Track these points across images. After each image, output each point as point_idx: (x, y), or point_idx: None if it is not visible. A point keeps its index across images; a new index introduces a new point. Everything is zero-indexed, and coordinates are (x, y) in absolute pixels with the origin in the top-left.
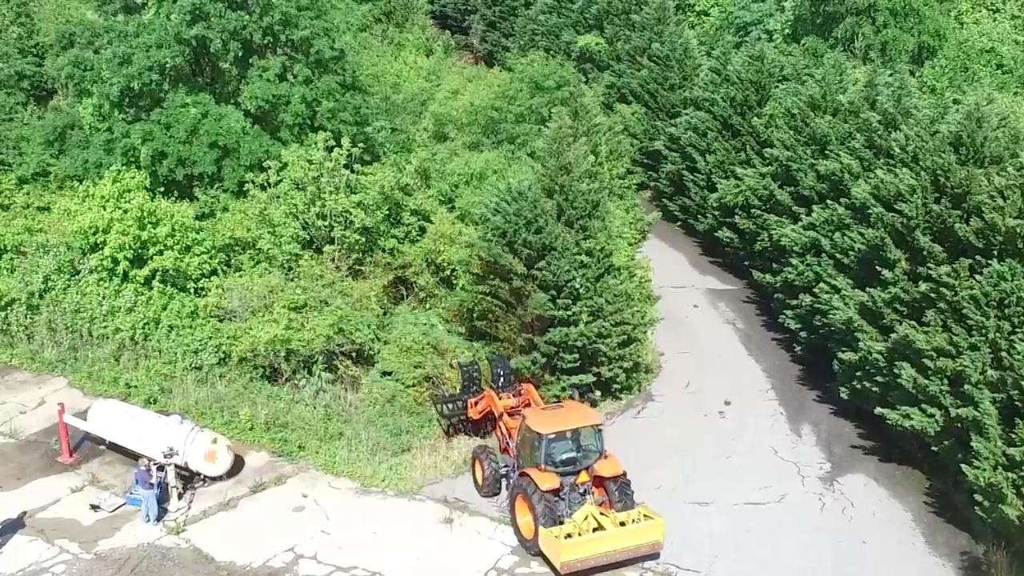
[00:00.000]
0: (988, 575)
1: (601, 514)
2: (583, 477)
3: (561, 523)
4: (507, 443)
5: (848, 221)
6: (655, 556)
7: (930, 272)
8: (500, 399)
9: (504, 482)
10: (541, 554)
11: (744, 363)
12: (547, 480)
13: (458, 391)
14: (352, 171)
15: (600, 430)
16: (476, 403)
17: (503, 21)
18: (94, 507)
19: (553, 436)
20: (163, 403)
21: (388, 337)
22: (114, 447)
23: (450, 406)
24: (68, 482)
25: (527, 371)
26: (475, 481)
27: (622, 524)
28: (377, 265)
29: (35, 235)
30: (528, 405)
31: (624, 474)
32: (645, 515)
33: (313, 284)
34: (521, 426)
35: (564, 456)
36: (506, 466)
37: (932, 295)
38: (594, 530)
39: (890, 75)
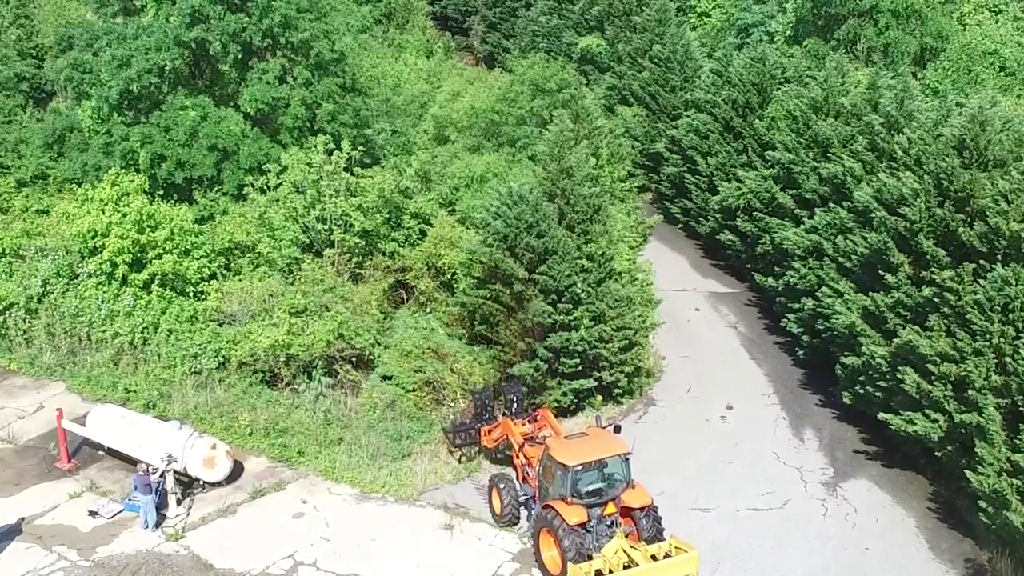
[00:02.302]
0: None
1: (631, 547)
2: (610, 508)
3: (589, 557)
4: (526, 472)
5: (851, 225)
6: None
7: (933, 276)
8: (516, 426)
9: (526, 512)
10: None
11: (746, 367)
12: (574, 514)
13: (470, 419)
14: (352, 174)
15: (627, 459)
16: (490, 431)
17: (504, 22)
18: (92, 513)
19: (579, 467)
20: (162, 408)
21: (388, 341)
22: (113, 453)
23: (463, 435)
24: (66, 488)
25: (530, 377)
26: (492, 510)
27: (653, 558)
28: (377, 268)
29: (34, 238)
30: (543, 429)
31: (653, 504)
32: (677, 547)
33: (313, 288)
34: (544, 456)
35: (591, 487)
36: (525, 495)
37: (935, 299)
38: (625, 566)
39: (892, 77)
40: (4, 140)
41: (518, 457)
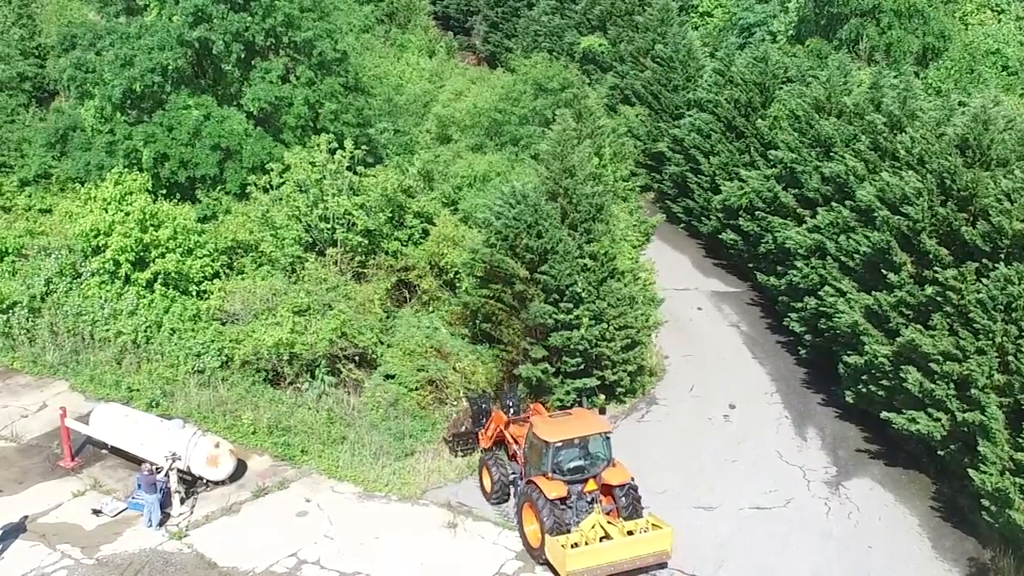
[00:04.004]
0: None
1: (608, 523)
2: (591, 485)
3: (568, 532)
4: (515, 450)
5: (853, 224)
6: (663, 565)
7: (936, 275)
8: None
9: (512, 489)
10: (548, 563)
11: (749, 366)
12: (554, 489)
13: (470, 425)
14: (355, 173)
15: (608, 437)
16: (485, 430)
17: (506, 22)
18: (96, 512)
19: (560, 444)
20: (165, 407)
21: (391, 340)
22: (116, 451)
23: (462, 441)
24: (70, 487)
25: (535, 379)
26: (483, 488)
27: (630, 533)
28: (380, 268)
29: (37, 238)
30: None
31: (632, 482)
32: (653, 524)
33: (316, 287)
34: (528, 434)
35: (571, 464)
36: (514, 473)
37: (938, 298)
38: (601, 539)
39: (895, 77)
40: (7, 139)
41: (506, 437)
